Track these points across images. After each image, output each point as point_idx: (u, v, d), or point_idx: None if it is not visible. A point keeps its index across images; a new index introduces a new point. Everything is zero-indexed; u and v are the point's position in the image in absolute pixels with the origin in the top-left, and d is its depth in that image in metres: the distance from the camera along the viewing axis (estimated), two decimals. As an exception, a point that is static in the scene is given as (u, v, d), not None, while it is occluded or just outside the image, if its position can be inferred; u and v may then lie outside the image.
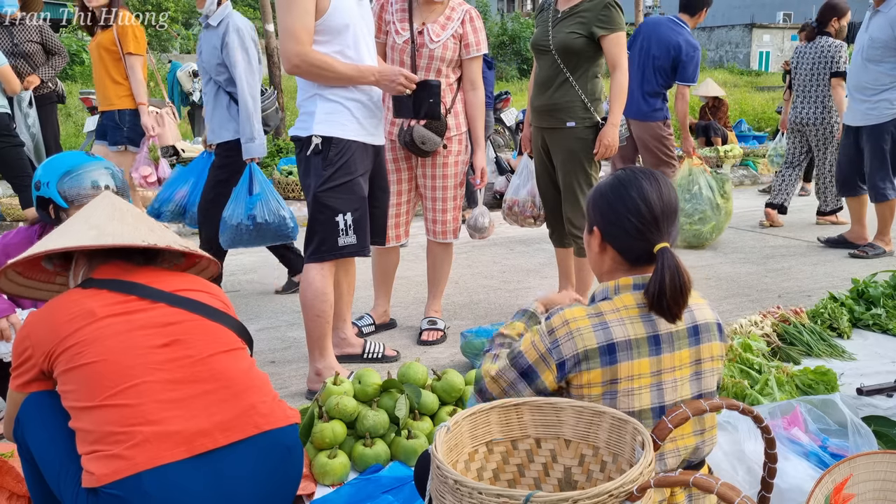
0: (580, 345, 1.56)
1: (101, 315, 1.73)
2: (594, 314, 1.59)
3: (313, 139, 2.83)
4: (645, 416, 1.58)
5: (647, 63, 5.31)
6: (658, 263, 1.57)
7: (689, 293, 1.56)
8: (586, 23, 3.45)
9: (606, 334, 1.56)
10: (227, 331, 1.86)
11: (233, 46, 3.78)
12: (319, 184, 2.83)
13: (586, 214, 1.77)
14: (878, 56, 4.83)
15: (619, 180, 1.69)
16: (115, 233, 1.83)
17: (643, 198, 1.63)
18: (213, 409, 1.70)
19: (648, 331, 1.59)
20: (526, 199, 3.92)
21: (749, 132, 11.01)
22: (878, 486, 1.75)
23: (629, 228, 1.63)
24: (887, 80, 4.84)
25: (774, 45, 27.28)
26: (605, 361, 1.55)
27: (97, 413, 1.63)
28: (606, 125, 3.50)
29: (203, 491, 1.65)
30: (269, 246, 4.27)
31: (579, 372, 1.57)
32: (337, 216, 2.84)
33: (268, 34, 8.42)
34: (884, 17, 4.78)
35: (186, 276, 1.96)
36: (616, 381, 1.56)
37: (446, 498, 1.32)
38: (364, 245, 2.95)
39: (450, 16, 3.42)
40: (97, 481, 1.58)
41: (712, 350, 1.67)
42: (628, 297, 1.62)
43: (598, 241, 1.70)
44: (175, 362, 1.71)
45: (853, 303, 3.74)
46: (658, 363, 1.59)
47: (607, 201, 1.68)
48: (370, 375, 2.57)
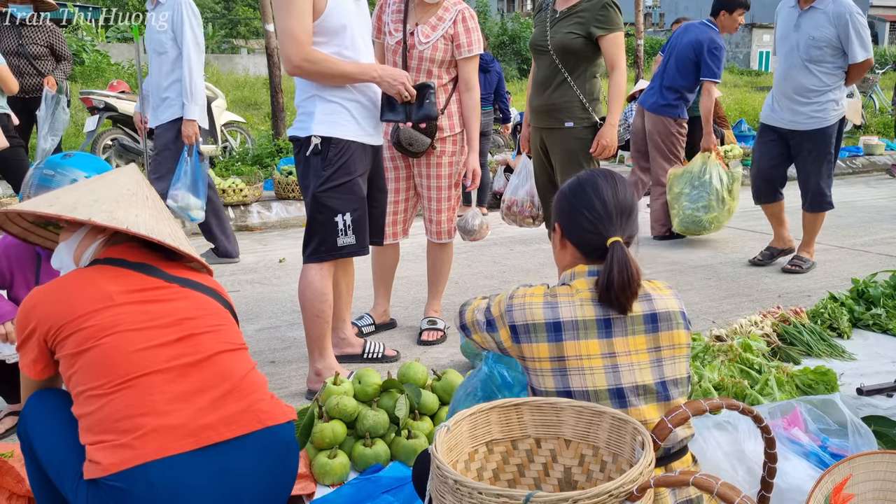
0: (529, 317, 1.68)
1: (120, 301, 1.73)
2: (549, 294, 1.72)
3: (312, 139, 2.83)
4: (602, 397, 1.63)
5: (671, 57, 5.44)
6: (608, 256, 1.67)
7: (637, 285, 1.66)
8: (584, 23, 3.45)
9: (554, 313, 1.67)
10: (232, 327, 1.88)
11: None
12: (319, 184, 2.83)
13: (552, 213, 1.88)
14: (819, 56, 4.44)
15: (578, 180, 1.82)
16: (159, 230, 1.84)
17: (598, 195, 1.75)
18: (218, 402, 1.72)
19: (599, 314, 1.67)
20: (524, 199, 3.92)
21: (749, 132, 10.98)
22: (878, 486, 1.75)
23: (584, 223, 1.74)
24: (832, 80, 4.49)
25: (774, 45, 27.26)
26: (551, 338, 1.66)
27: (104, 401, 1.64)
28: (605, 125, 3.50)
29: (207, 485, 1.66)
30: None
31: (529, 344, 1.68)
32: (336, 216, 2.85)
33: (267, 34, 8.41)
34: (822, 14, 4.43)
35: (193, 270, 1.97)
36: (563, 359, 1.64)
37: (446, 498, 1.32)
38: (363, 245, 2.96)
39: (441, 16, 3.38)
40: (103, 471, 1.58)
41: (673, 338, 1.70)
42: (582, 282, 1.72)
43: (559, 236, 1.81)
44: (183, 357, 1.73)
45: (853, 303, 3.74)
46: (609, 346, 1.65)
47: (566, 199, 1.81)
48: (370, 375, 2.57)
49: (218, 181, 6.73)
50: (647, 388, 1.64)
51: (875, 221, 6.52)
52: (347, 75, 2.80)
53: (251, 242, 6.05)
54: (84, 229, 1.91)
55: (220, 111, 8.87)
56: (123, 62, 14.68)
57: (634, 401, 1.63)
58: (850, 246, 5.60)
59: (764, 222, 6.56)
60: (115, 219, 1.79)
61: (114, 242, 1.89)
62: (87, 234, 1.91)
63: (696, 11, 33.39)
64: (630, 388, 1.63)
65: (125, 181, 1.92)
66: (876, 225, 6.37)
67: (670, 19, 35.07)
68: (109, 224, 1.77)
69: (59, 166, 2.25)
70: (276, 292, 4.55)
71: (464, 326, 1.88)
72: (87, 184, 1.92)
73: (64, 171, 2.25)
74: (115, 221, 1.78)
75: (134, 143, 7.86)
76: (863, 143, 10.08)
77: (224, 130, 8.97)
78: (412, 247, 5.22)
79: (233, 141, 9.15)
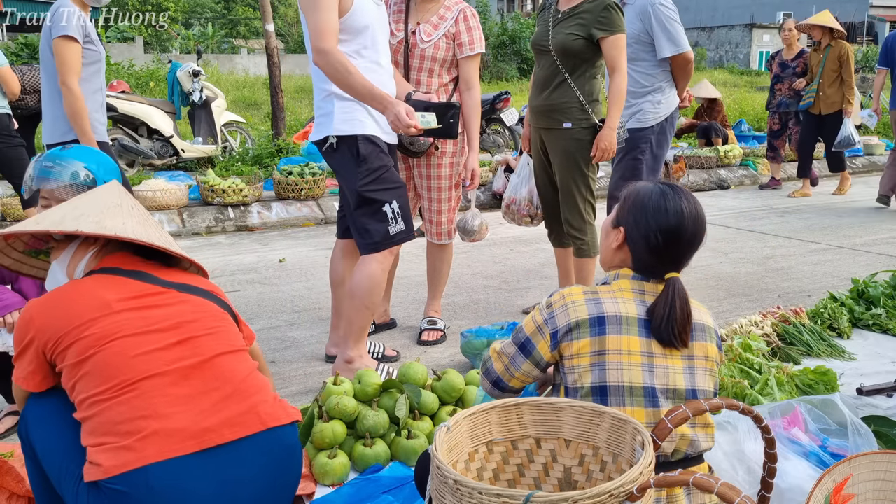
0: (572, 315, 1.67)
1: (117, 309, 1.73)
2: (590, 292, 1.71)
3: (332, 138, 2.87)
4: (636, 394, 1.63)
5: None
6: (669, 290, 1.66)
7: (690, 321, 1.67)
8: (586, 24, 3.45)
9: (598, 307, 1.67)
10: (231, 329, 1.88)
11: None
12: (360, 181, 2.87)
13: (618, 208, 1.79)
14: (631, 54, 4.01)
15: (663, 194, 1.71)
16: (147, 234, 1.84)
17: (679, 220, 1.68)
18: (220, 405, 1.72)
19: (640, 314, 1.67)
20: (524, 199, 3.91)
21: (749, 132, 10.99)
22: (878, 486, 1.75)
23: (652, 244, 1.69)
24: (650, 80, 4.13)
25: (774, 45, 27.23)
26: (594, 332, 1.65)
27: (106, 405, 1.64)
28: (604, 128, 3.50)
29: (208, 487, 1.65)
30: None
31: (570, 342, 1.67)
32: (384, 206, 2.90)
33: (267, 34, 8.41)
34: (631, 9, 4.12)
35: (188, 273, 1.98)
36: (604, 353, 1.64)
37: (446, 498, 1.32)
38: (411, 230, 3.02)
39: (443, 15, 3.39)
40: (104, 473, 1.58)
41: (706, 350, 1.71)
42: (625, 282, 1.72)
43: (621, 240, 1.75)
44: (184, 360, 1.73)
45: (853, 303, 3.74)
46: (649, 345, 1.66)
47: (644, 209, 1.71)
48: (370, 375, 2.57)
49: (218, 181, 6.73)
50: (677, 392, 1.66)
51: (875, 221, 6.52)
52: (356, 92, 2.75)
53: (251, 242, 6.05)
54: (74, 244, 1.92)
55: (220, 111, 8.87)
56: (123, 62, 14.70)
57: (664, 403, 1.64)
58: (850, 246, 5.60)
59: (765, 222, 6.58)
60: (104, 227, 1.79)
61: (106, 253, 1.90)
62: (77, 248, 1.92)
63: (696, 11, 33.39)
64: (662, 390, 1.64)
65: (108, 195, 1.93)
66: (876, 225, 6.37)
67: (670, 19, 34.98)
68: (98, 232, 1.78)
69: (59, 157, 2.24)
70: (276, 292, 4.55)
71: (497, 382, 1.81)
72: (70, 202, 1.92)
73: (63, 163, 2.23)
74: (103, 229, 1.79)
75: (134, 143, 7.86)
76: (863, 143, 10.08)
77: (224, 130, 8.97)
78: (412, 247, 5.22)
79: (233, 141, 9.15)
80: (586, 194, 3.64)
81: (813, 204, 7.49)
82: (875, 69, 9.09)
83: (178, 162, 8.45)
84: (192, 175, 7.75)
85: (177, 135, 8.37)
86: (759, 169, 9.06)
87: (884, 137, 10.87)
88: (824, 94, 7.43)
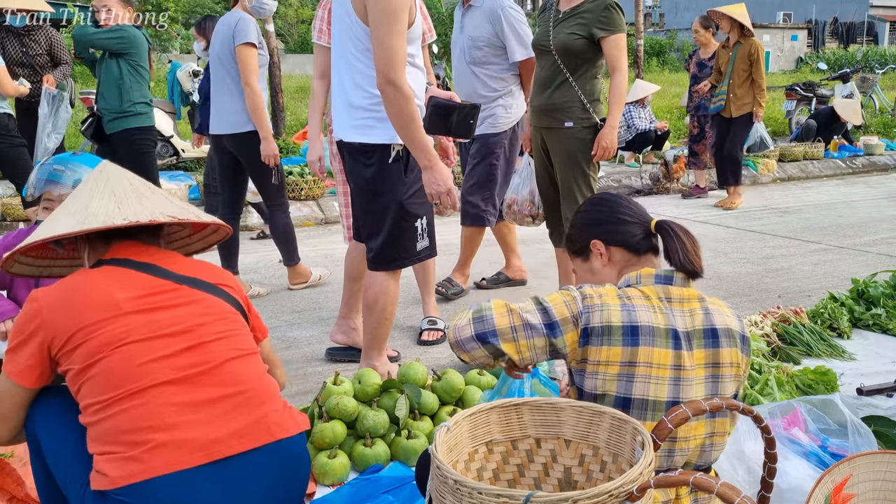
0: (605, 318, 1.61)
1: (126, 310, 1.68)
2: (623, 296, 1.67)
3: (395, 147, 2.71)
4: (659, 409, 1.60)
5: None
6: (667, 229, 1.75)
7: (699, 246, 1.75)
8: (587, 24, 3.45)
9: (631, 316, 1.62)
10: (243, 331, 1.84)
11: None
12: (405, 192, 2.75)
13: (576, 242, 1.89)
14: (481, 57, 4.04)
15: (592, 198, 1.94)
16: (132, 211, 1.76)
17: (616, 198, 1.87)
18: (229, 415, 1.68)
19: (669, 324, 1.64)
20: (525, 199, 3.91)
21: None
22: (878, 486, 1.75)
23: (624, 217, 1.80)
24: (501, 84, 4.07)
25: (774, 45, 27.23)
26: (626, 341, 1.60)
27: (111, 412, 1.61)
28: (605, 127, 3.50)
29: (216, 500, 1.63)
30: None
31: (600, 346, 1.60)
32: (416, 221, 2.82)
33: (267, 34, 8.41)
34: (479, 11, 4.06)
35: (199, 263, 1.92)
36: (634, 364, 1.60)
37: (446, 498, 1.32)
38: (434, 247, 2.94)
39: None
40: (111, 483, 1.55)
41: (732, 356, 1.69)
42: (651, 289, 1.70)
43: (602, 251, 1.81)
44: (193, 367, 1.69)
45: (853, 303, 3.74)
46: (678, 357, 1.62)
47: (594, 212, 1.87)
48: (370, 375, 2.57)
49: (218, 181, 6.72)
50: (684, 403, 1.61)
51: (875, 221, 6.52)
52: (406, 132, 2.59)
53: (251, 242, 6.05)
54: (81, 241, 1.86)
55: (221, 111, 8.86)
56: (123, 62, 14.64)
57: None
58: (850, 246, 5.61)
59: (765, 221, 6.58)
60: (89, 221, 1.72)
61: (116, 240, 1.83)
62: (89, 242, 1.85)
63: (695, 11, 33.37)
64: (685, 403, 1.61)
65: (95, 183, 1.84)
66: (876, 225, 6.37)
67: (670, 19, 35.06)
68: (83, 229, 1.71)
69: (69, 163, 2.27)
70: (276, 292, 4.55)
71: (483, 336, 1.61)
72: (62, 205, 1.85)
73: (73, 168, 2.28)
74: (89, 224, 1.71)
75: (134, 143, 7.85)
76: (863, 143, 10.08)
77: (224, 130, 8.95)
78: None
79: (233, 141, 9.13)
80: (587, 193, 3.64)
81: (813, 204, 7.49)
82: (875, 69, 9.06)
83: (178, 162, 8.45)
84: (192, 175, 7.75)
85: (177, 135, 8.36)
86: (759, 169, 8.99)
87: (884, 137, 10.87)
88: (734, 96, 6.91)
